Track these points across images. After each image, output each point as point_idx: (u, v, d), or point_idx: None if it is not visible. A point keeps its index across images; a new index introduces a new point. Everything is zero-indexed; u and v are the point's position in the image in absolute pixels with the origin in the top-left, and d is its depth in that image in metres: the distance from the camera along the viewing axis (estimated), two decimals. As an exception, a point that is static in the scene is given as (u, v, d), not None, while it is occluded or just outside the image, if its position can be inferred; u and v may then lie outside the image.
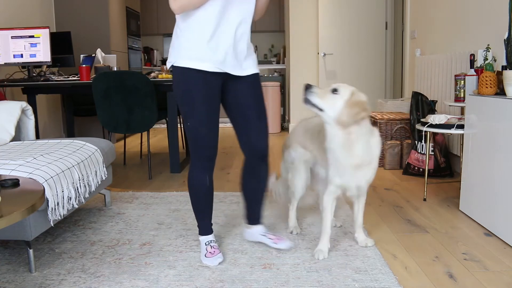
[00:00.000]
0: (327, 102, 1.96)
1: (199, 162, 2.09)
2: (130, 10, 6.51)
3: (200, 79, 1.99)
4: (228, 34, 1.98)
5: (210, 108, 2.02)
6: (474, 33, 3.50)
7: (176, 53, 2.02)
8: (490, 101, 2.47)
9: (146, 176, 3.89)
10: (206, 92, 2.00)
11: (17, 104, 2.85)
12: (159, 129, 7.25)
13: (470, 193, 2.70)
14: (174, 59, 2.03)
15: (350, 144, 1.99)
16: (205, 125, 2.03)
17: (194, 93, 1.99)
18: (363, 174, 2.09)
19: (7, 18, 4.31)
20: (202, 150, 2.06)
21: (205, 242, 2.19)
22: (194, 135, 2.05)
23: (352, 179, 2.09)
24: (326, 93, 1.98)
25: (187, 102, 2.01)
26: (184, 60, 1.99)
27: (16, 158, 2.21)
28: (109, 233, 2.52)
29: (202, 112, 2.01)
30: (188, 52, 1.98)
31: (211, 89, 2.02)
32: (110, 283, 1.94)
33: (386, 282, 1.91)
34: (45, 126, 4.98)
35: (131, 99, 3.57)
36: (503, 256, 2.17)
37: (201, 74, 1.98)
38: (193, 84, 1.99)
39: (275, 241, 2.27)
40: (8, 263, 2.14)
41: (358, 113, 1.93)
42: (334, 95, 1.97)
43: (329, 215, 2.20)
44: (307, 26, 6.29)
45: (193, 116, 2.02)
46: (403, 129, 4.08)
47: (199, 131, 2.04)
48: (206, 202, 2.17)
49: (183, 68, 1.99)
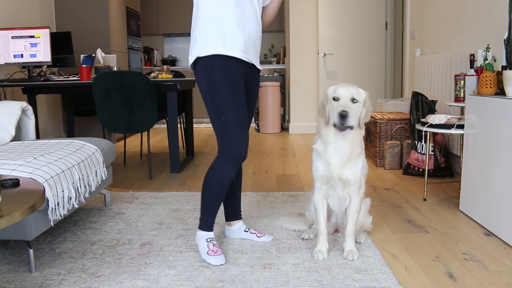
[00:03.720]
0: (353, 115, 1.98)
1: (235, 165, 2.04)
2: (130, 10, 6.52)
3: (239, 66, 2.00)
4: (253, 28, 2.03)
5: (245, 97, 2.05)
6: (474, 33, 3.50)
7: (205, 42, 1.98)
8: (490, 101, 2.47)
9: (146, 176, 3.89)
10: (243, 80, 2.02)
11: (17, 104, 2.85)
12: (159, 129, 7.25)
13: (470, 193, 2.71)
14: (211, 48, 1.96)
15: (358, 139, 2.08)
16: (245, 112, 2.01)
17: (237, 79, 1.97)
18: (351, 164, 2.10)
19: (7, 18, 4.32)
20: (240, 150, 2.01)
21: (207, 239, 2.15)
22: (236, 125, 1.98)
23: (340, 169, 2.09)
24: (347, 105, 1.97)
25: (233, 94, 1.96)
26: (221, 48, 1.95)
27: (16, 158, 2.21)
28: (109, 233, 2.52)
29: (243, 99, 2.01)
30: (224, 41, 1.95)
31: (244, 78, 2.04)
32: (110, 283, 1.94)
33: (386, 282, 1.91)
34: (45, 126, 4.98)
35: (131, 99, 3.58)
36: (503, 256, 2.17)
37: (236, 61, 1.99)
38: (234, 70, 1.97)
39: (258, 235, 2.36)
40: (8, 263, 2.14)
41: (370, 111, 2.07)
42: (355, 104, 2.00)
43: (322, 215, 2.20)
44: (307, 26, 6.29)
45: (237, 103, 1.97)
46: (403, 129, 4.08)
47: (242, 119, 1.98)
48: (223, 198, 2.16)
49: (225, 56, 1.95)
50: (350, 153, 2.07)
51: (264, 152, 5.05)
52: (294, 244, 2.34)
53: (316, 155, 2.16)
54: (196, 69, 2.04)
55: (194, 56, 2.01)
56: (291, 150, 5.18)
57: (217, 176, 2.07)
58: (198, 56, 1.99)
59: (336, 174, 2.10)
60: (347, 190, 2.15)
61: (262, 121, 6.68)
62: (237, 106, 1.98)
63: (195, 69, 2.06)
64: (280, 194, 3.27)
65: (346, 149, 2.06)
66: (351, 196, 2.17)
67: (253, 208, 2.95)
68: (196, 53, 2.00)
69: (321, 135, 2.10)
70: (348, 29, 6.00)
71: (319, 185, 2.18)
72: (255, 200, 3.13)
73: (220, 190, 2.09)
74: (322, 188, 2.18)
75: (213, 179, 2.08)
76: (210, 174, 2.09)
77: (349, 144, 2.05)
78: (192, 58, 2.02)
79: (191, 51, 2.04)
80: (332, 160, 2.08)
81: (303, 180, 3.72)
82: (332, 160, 2.08)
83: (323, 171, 2.13)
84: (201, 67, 2.00)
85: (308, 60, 6.35)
